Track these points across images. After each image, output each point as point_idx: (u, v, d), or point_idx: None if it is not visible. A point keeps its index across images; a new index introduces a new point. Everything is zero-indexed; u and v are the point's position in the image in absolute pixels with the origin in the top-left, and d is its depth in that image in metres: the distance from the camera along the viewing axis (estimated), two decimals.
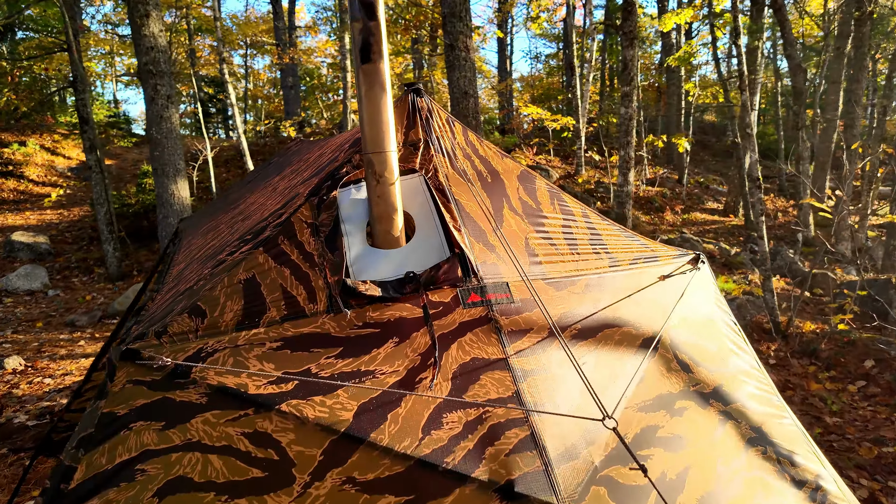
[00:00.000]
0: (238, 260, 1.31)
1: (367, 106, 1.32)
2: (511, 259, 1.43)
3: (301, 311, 1.25)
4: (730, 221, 13.54)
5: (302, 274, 1.30)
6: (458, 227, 1.41)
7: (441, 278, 1.32)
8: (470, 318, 1.31)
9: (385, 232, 1.37)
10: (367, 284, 1.28)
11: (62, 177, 13.93)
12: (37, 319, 7.87)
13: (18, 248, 10.20)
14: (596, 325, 1.44)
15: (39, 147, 14.56)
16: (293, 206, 1.44)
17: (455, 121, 1.66)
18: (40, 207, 12.59)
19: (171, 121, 8.57)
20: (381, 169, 1.34)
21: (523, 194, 1.62)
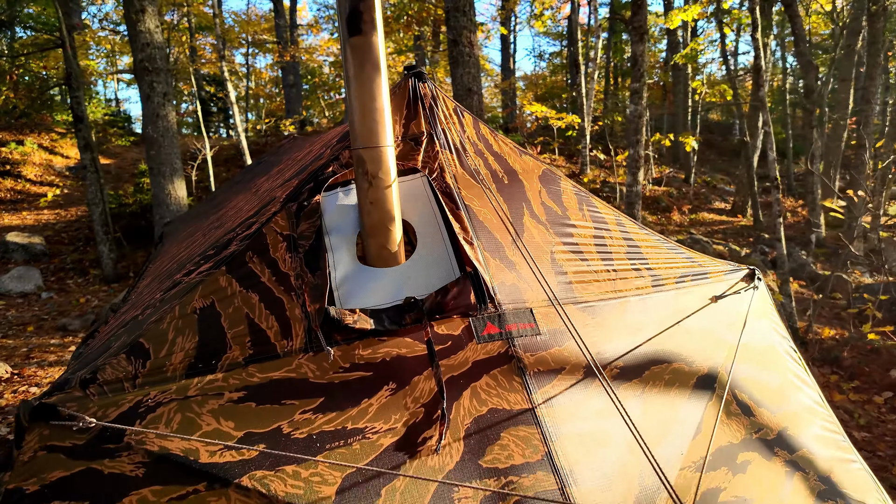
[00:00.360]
0: (194, 283, 1.04)
1: (357, 90, 1.05)
2: (537, 278, 1.16)
3: (271, 350, 0.98)
4: (738, 221, 13.24)
5: (274, 300, 1.03)
6: (469, 239, 1.14)
7: (449, 305, 1.05)
8: (486, 356, 1.04)
9: (379, 246, 1.10)
10: (356, 314, 1.01)
11: (60, 176, 13.70)
12: (28, 323, 7.64)
13: (13, 248, 9.97)
14: (641, 361, 1.17)
15: (37, 146, 14.34)
16: (266, 213, 1.17)
17: (464, 111, 1.39)
18: (37, 207, 12.37)
19: (168, 119, 8.32)
20: (374, 168, 1.07)
21: (546, 198, 1.35)
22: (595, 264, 1.28)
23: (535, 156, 1.44)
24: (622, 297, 1.25)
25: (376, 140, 1.06)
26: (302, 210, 1.14)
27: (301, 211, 1.14)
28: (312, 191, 1.17)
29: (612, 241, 1.36)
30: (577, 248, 1.29)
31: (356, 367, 0.99)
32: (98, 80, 19.83)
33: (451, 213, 1.17)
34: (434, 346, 1.02)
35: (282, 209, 1.14)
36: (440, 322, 1.06)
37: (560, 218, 1.33)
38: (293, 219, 1.13)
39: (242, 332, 1.00)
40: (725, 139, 21.35)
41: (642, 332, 1.21)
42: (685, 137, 12.11)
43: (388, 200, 1.09)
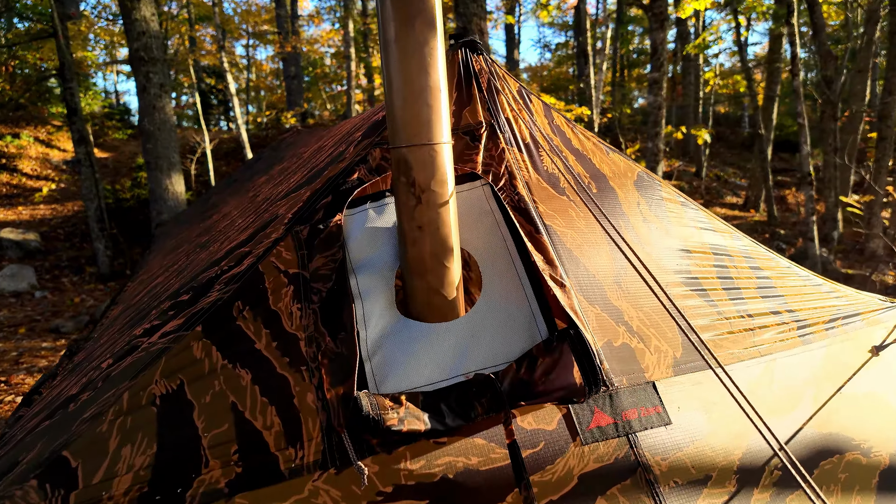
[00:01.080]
0: (154, 353, 0.68)
1: (401, 58, 0.68)
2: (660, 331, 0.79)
3: (270, 467, 0.62)
4: (751, 217, 12.86)
5: (275, 381, 0.67)
6: (559, 277, 0.78)
7: (540, 385, 0.69)
8: (598, 466, 0.68)
9: (430, 291, 0.74)
10: (401, 405, 0.65)
11: (56, 170, 13.35)
12: (21, 324, 7.33)
13: (7, 245, 9.63)
14: (807, 453, 0.81)
15: (34, 139, 13.98)
16: (264, 240, 0.80)
17: (530, 93, 1.02)
18: (33, 203, 12.04)
19: (165, 111, 7.95)
20: (425, 177, 0.71)
21: (647, 212, 0.98)
22: (724, 307, 0.91)
23: (624, 154, 1.07)
24: (767, 354, 0.88)
25: (428, 135, 0.70)
26: (316, 236, 0.78)
27: (315, 238, 0.78)
28: (330, 207, 0.80)
29: (738, 272, 0.99)
30: (697, 284, 0.92)
31: (403, 493, 0.63)
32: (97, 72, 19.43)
33: (530, 239, 0.81)
34: (520, 452, 0.66)
35: (286, 235, 0.78)
36: (524, 412, 0.70)
37: (669, 240, 0.96)
38: (303, 249, 0.77)
39: (226, 437, 0.64)
40: (735, 132, 20.88)
41: (798, 406, 0.85)
42: (698, 130, 11.71)
43: (445, 224, 0.73)
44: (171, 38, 15.44)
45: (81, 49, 13.92)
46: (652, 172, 1.08)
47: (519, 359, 0.71)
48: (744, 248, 1.05)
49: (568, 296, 0.77)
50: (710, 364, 0.77)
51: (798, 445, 0.81)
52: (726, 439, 0.76)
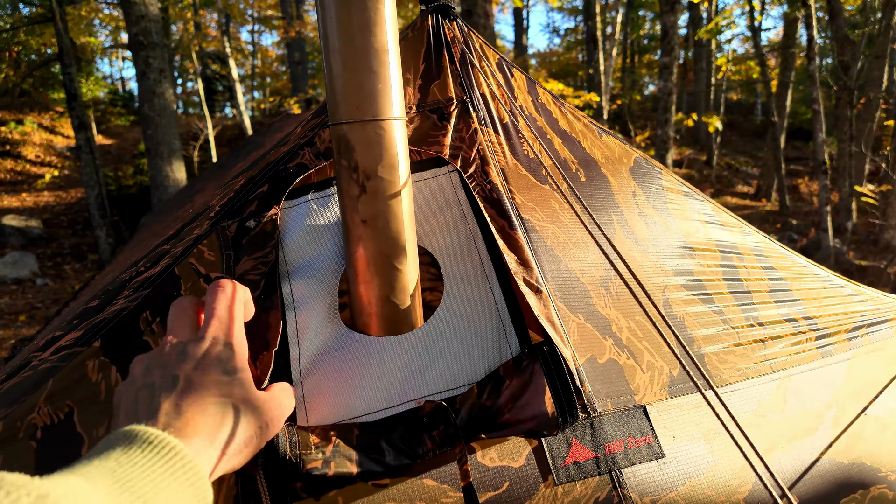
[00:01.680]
0: (43, 373, 0.56)
1: (339, 15, 0.56)
2: (653, 346, 0.67)
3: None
4: (763, 206, 12.64)
5: None
6: (535, 281, 0.65)
7: (505, 412, 0.57)
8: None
9: (378, 300, 0.62)
10: (330, 440, 0.53)
11: (60, 157, 13.33)
12: (21, 312, 7.32)
13: (9, 232, 9.62)
14: (824, 487, 0.69)
15: (37, 125, 13.95)
16: (187, 239, 0.68)
17: (513, 67, 0.89)
18: (36, 189, 12.02)
19: (165, 97, 7.85)
20: (369, 161, 0.58)
21: (645, 204, 0.85)
22: (731, 314, 0.79)
23: (619, 137, 0.94)
24: (779, 372, 0.76)
25: (373, 109, 0.57)
26: (246, 234, 0.66)
27: (244, 235, 0.66)
28: (265, 198, 0.68)
29: (749, 272, 0.86)
30: (701, 288, 0.79)
31: None
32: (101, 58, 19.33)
33: (502, 236, 0.68)
34: (478, 495, 0.54)
35: (210, 232, 0.66)
36: (487, 444, 0.58)
37: (669, 237, 0.83)
38: (229, 250, 0.65)
39: None
40: (747, 119, 20.52)
41: (817, 430, 0.73)
42: (709, 117, 11.50)
43: (396, 217, 0.61)
44: (175, 23, 15.30)
45: (84, 34, 13.80)
46: (655, 160, 0.94)
47: (482, 381, 0.59)
48: (755, 244, 0.92)
49: (544, 303, 0.64)
50: (696, 384, 0.65)
51: (815, 478, 0.69)
52: (729, 475, 0.64)
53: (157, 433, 0.37)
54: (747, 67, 16.52)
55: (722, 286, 0.82)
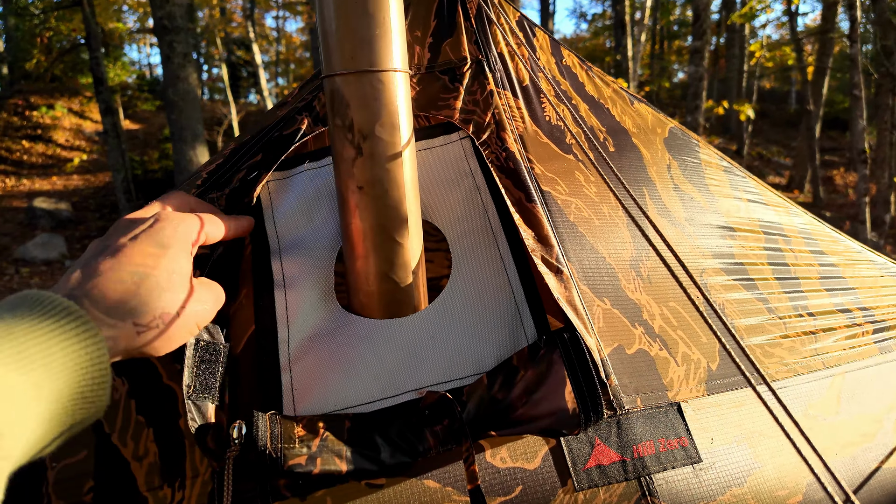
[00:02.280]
0: None
1: None
2: (691, 336, 0.59)
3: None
4: (795, 198, 12.27)
5: (158, 397, 0.50)
6: (554, 261, 0.58)
7: (519, 407, 0.50)
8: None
9: (377, 277, 0.55)
10: (317, 433, 0.47)
11: (89, 141, 13.59)
12: None
13: (39, 214, 9.85)
14: (883, 499, 0.60)
15: (67, 110, 14.23)
16: None
17: (535, 26, 0.80)
18: (66, 173, 12.27)
19: (189, 81, 7.88)
20: (365, 119, 0.51)
21: (680, 178, 0.76)
22: (777, 303, 0.70)
23: (652, 105, 0.85)
24: (832, 368, 0.67)
25: (370, 58, 0.50)
26: (235, 206, 0.59)
27: (235, 207, 0.59)
28: (256, 166, 0.62)
29: (796, 257, 0.77)
30: (743, 272, 0.71)
31: None
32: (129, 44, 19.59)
33: (518, 209, 0.60)
34: (487, 500, 0.48)
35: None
36: (497, 443, 0.51)
37: (708, 215, 0.74)
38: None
39: (81, 469, 0.47)
40: (780, 108, 19.88)
41: (875, 436, 0.64)
42: (740, 105, 11.16)
43: (397, 184, 0.53)
44: (201, 8, 15.37)
45: (112, 20, 13.97)
46: (689, 130, 0.85)
47: (493, 370, 0.52)
48: (803, 226, 0.83)
49: (565, 285, 0.57)
50: (748, 377, 0.57)
51: (875, 489, 0.61)
52: (776, 483, 0.56)
53: (48, 295, 0.34)
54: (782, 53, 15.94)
55: (766, 271, 0.73)
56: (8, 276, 7.72)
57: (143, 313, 0.39)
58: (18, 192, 11.22)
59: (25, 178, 11.70)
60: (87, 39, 8.63)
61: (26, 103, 13.60)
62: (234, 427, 0.44)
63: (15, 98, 13.66)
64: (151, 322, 0.40)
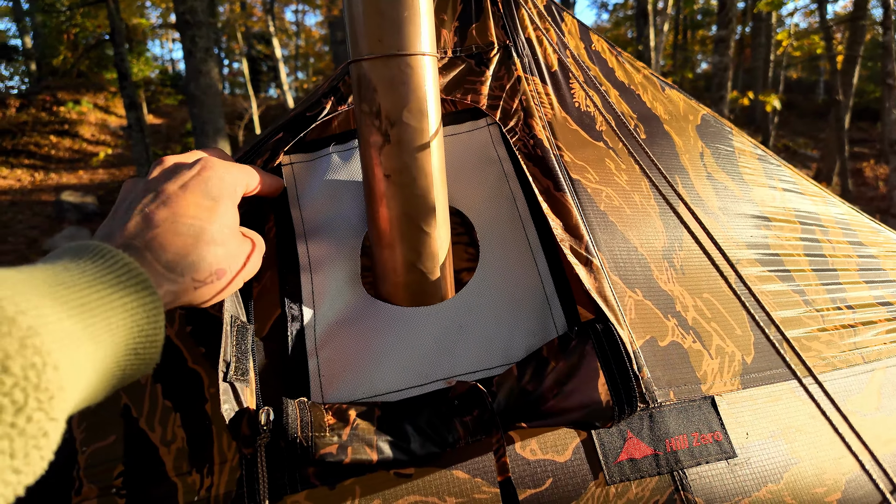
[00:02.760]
0: None
1: None
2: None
3: (165, 497, 0.46)
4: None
5: (185, 381, 0.50)
6: (583, 250, 0.56)
7: (550, 399, 0.49)
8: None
9: (403, 265, 0.54)
10: (349, 420, 0.46)
11: (113, 135, 13.83)
12: None
13: (67, 208, 10.07)
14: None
15: (93, 105, 14.50)
16: None
17: (564, 10, 0.78)
18: (92, 167, 12.52)
19: (210, 75, 7.97)
20: (393, 104, 0.50)
21: (714, 167, 0.74)
22: (815, 295, 0.68)
23: (683, 92, 0.82)
24: (873, 363, 0.64)
25: (399, 41, 0.49)
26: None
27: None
28: (278, 145, 0.61)
29: (834, 248, 0.74)
30: (779, 263, 0.68)
31: None
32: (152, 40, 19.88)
33: (547, 198, 0.59)
34: (517, 492, 0.47)
35: None
36: (527, 434, 0.50)
37: (742, 204, 0.72)
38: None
39: (111, 453, 0.47)
40: (808, 98, 19.38)
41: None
42: (766, 96, 10.90)
43: (424, 173, 0.52)
44: (222, 4, 15.51)
45: (136, 15, 14.17)
46: (721, 117, 0.83)
47: (523, 361, 0.51)
48: (841, 216, 0.80)
49: (596, 276, 0.55)
50: (794, 372, 0.55)
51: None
52: (814, 481, 0.54)
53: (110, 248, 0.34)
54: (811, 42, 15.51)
55: (803, 262, 0.71)
56: None
57: (200, 269, 0.40)
58: (46, 185, 11.48)
59: (53, 173, 11.97)
60: (111, 35, 8.76)
61: (53, 99, 13.89)
62: (262, 413, 0.44)
63: (43, 94, 13.96)
64: (208, 278, 0.40)
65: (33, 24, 15.71)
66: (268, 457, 0.44)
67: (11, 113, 12.91)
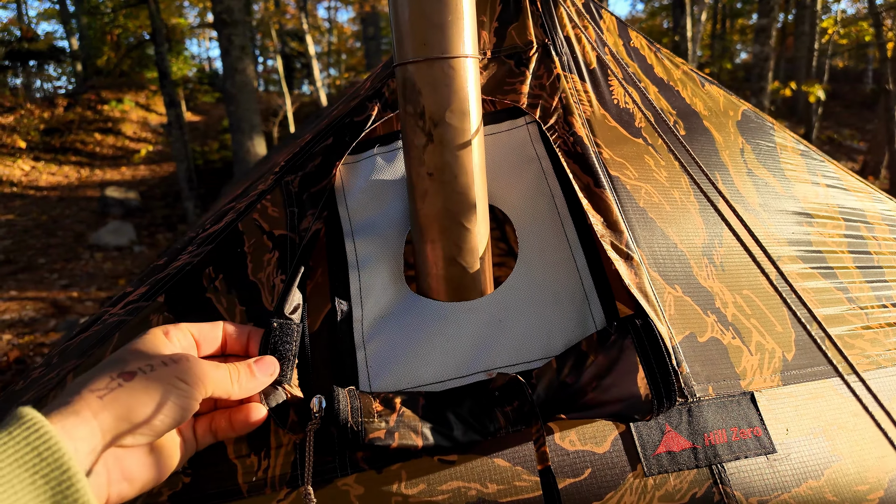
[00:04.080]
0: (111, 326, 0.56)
1: None
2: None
3: (226, 479, 0.49)
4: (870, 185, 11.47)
5: None
6: (624, 247, 0.57)
7: (589, 392, 0.50)
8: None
9: (445, 260, 0.56)
10: (395, 408, 0.49)
11: (154, 133, 14.27)
12: (121, 276, 7.95)
13: (111, 203, 10.46)
14: None
15: (135, 104, 14.98)
16: (251, 194, 0.66)
17: (602, 7, 0.79)
18: (134, 164, 12.95)
19: (246, 73, 8.15)
20: (436, 105, 0.52)
21: (755, 162, 0.74)
22: (858, 292, 0.67)
23: (723, 87, 0.82)
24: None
25: (442, 45, 0.51)
26: (308, 188, 0.62)
27: (307, 190, 0.62)
28: (329, 151, 0.64)
29: (880, 245, 0.73)
30: (821, 260, 0.68)
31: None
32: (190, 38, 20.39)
33: (586, 194, 0.60)
34: (557, 480, 0.48)
35: (275, 187, 0.63)
36: (567, 426, 0.52)
37: (783, 201, 0.71)
38: (293, 206, 0.61)
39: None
40: (855, 88, 18.57)
41: None
42: (810, 86, 10.50)
43: (466, 171, 0.54)
44: (258, 2, 15.78)
45: (175, 15, 14.54)
46: (762, 112, 0.82)
47: (562, 355, 0.52)
48: (887, 213, 0.78)
49: (636, 272, 0.56)
50: (837, 369, 0.55)
51: None
52: (855, 478, 0.54)
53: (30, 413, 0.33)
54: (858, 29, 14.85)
55: (847, 259, 0.70)
56: (84, 261, 8.26)
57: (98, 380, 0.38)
58: (91, 182, 11.93)
59: (98, 169, 12.43)
60: (152, 35, 9.04)
61: (98, 98, 14.41)
62: (313, 401, 0.47)
63: (88, 93, 14.49)
64: (109, 384, 0.38)
65: (79, 25, 16.31)
66: (318, 442, 0.47)
67: (59, 112, 13.46)
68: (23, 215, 10.03)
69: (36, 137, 12.37)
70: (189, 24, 16.33)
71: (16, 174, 11.29)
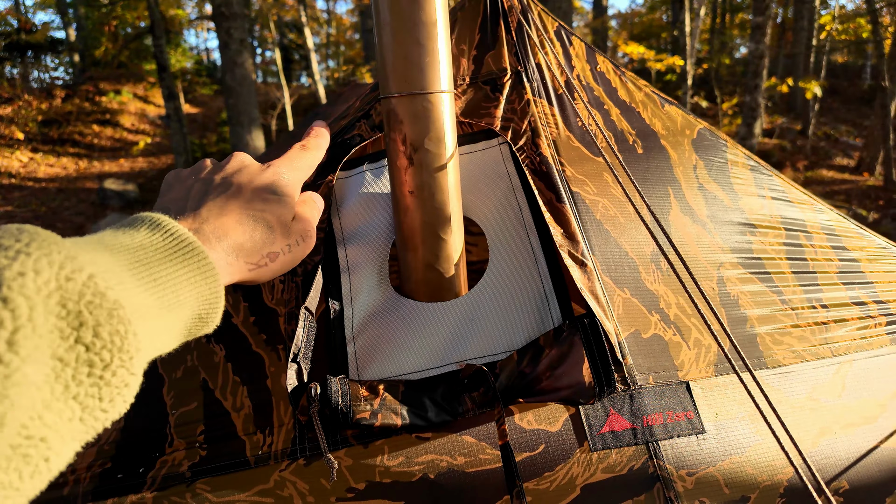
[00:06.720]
0: None
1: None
2: (700, 324, 0.67)
3: (236, 452, 0.58)
4: (864, 181, 11.56)
5: (250, 361, 0.62)
6: (580, 254, 0.66)
7: (544, 380, 0.60)
8: (607, 476, 0.58)
9: (423, 266, 0.65)
10: (378, 394, 0.58)
11: (152, 125, 14.28)
12: None
13: (110, 195, 10.51)
14: (879, 479, 0.66)
15: (133, 95, 14.97)
16: None
17: (571, 34, 0.87)
18: (132, 155, 12.97)
19: (245, 66, 8.18)
20: (416, 133, 0.61)
21: (706, 179, 0.82)
22: (792, 296, 0.76)
23: (682, 108, 0.90)
24: (840, 357, 0.73)
25: (421, 81, 0.59)
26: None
27: None
28: (323, 167, 0.72)
29: (816, 252, 0.82)
30: (760, 266, 0.77)
31: (377, 491, 0.56)
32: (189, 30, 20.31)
33: (549, 209, 0.69)
34: (514, 454, 0.57)
35: None
36: (525, 408, 0.61)
37: (730, 213, 0.80)
38: None
39: (194, 416, 0.60)
40: (853, 84, 18.61)
41: (877, 419, 0.70)
42: (807, 82, 10.56)
43: (442, 189, 0.63)
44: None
45: (173, 7, 14.49)
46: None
47: (522, 349, 0.61)
48: (827, 223, 0.87)
49: (588, 276, 0.65)
50: (733, 366, 0.64)
51: (871, 466, 0.67)
52: (773, 455, 0.64)
53: (179, 229, 0.38)
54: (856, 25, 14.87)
55: (784, 265, 0.79)
56: None
57: (254, 254, 0.45)
58: (90, 173, 11.96)
59: (96, 161, 12.45)
60: (150, 27, 9.07)
61: (96, 89, 14.40)
62: (311, 388, 0.56)
63: (86, 84, 14.47)
64: (260, 261, 0.46)
65: (76, 16, 16.28)
66: (321, 421, 0.56)
67: (57, 103, 13.45)
68: (22, 206, 10.06)
69: (34, 128, 12.37)
70: (187, 16, 16.29)
71: (14, 165, 11.31)
